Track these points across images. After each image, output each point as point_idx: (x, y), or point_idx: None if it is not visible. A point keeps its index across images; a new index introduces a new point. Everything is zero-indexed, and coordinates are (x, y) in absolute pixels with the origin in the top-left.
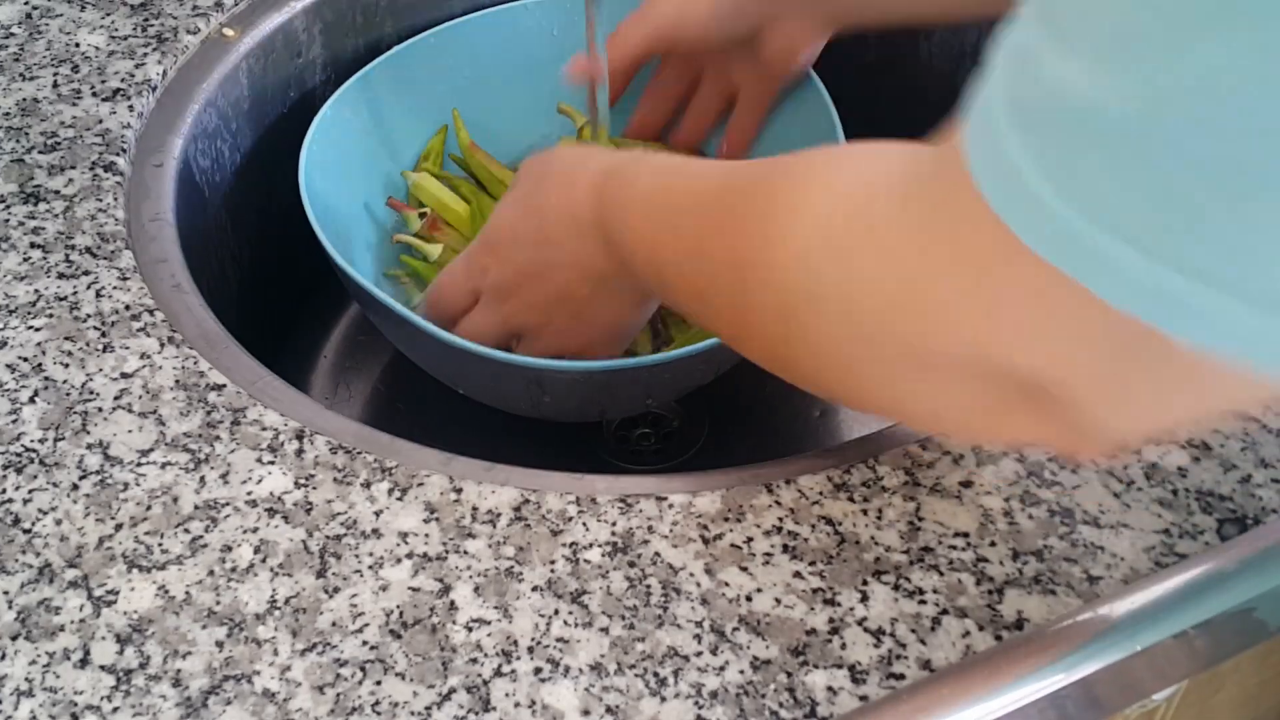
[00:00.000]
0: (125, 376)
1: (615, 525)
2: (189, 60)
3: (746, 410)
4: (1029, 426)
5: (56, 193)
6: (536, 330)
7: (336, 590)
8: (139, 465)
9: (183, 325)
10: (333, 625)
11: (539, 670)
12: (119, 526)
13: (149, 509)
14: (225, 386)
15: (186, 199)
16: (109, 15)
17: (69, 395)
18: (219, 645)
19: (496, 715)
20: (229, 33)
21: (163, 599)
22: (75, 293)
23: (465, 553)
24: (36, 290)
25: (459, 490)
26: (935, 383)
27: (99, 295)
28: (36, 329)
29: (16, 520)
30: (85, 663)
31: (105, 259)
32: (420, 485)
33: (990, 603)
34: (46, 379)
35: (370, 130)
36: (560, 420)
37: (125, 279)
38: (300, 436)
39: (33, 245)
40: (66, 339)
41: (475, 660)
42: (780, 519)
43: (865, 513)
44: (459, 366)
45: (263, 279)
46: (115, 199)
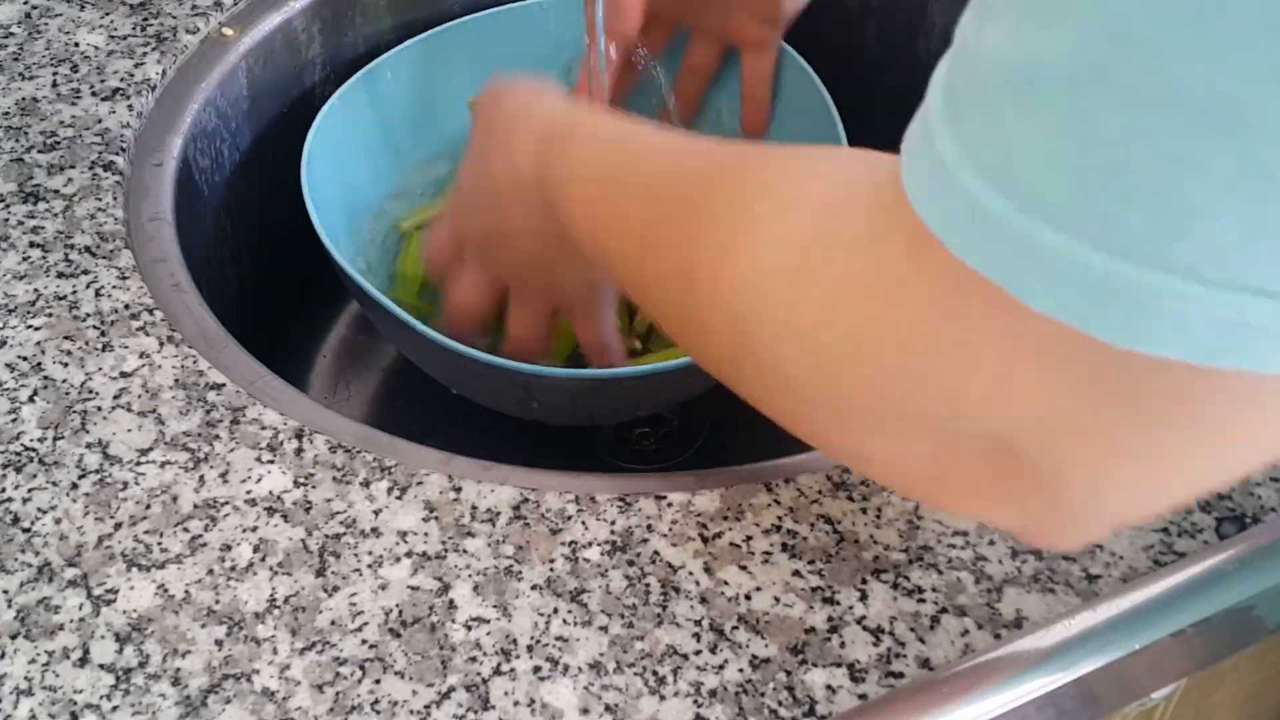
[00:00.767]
0: (124, 376)
1: (614, 524)
2: (188, 60)
3: (746, 409)
4: (997, 501)
5: (56, 192)
6: (517, 293)
7: (336, 589)
8: (138, 464)
9: (182, 324)
10: (332, 624)
11: (538, 669)
12: (118, 525)
13: (148, 508)
14: (224, 386)
15: (186, 198)
16: (108, 15)
17: (68, 394)
18: (218, 644)
19: (496, 714)
20: (228, 32)
21: (162, 598)
22: (74, 292)
23: (464, 552)
24: (36, 289)
25: (458, 489)
26: (895, 436)
27: (98, 294)
28: (36, 328)
29: (16, 519)
30: (85, 662)
31: (104, 258)
32: (419, 484)
33: (989, 601)
34: (46, 378)
35: (372, 128)
36: (553, 423)
37: (124, 278)
38: (299, 436)
39: (32, 244)
40: (66, 338)
41: (474, 659)
42: (779, 518)
43: (864, 511)
44: (452, 368)
45: (262, 278)
46: (114, 198)
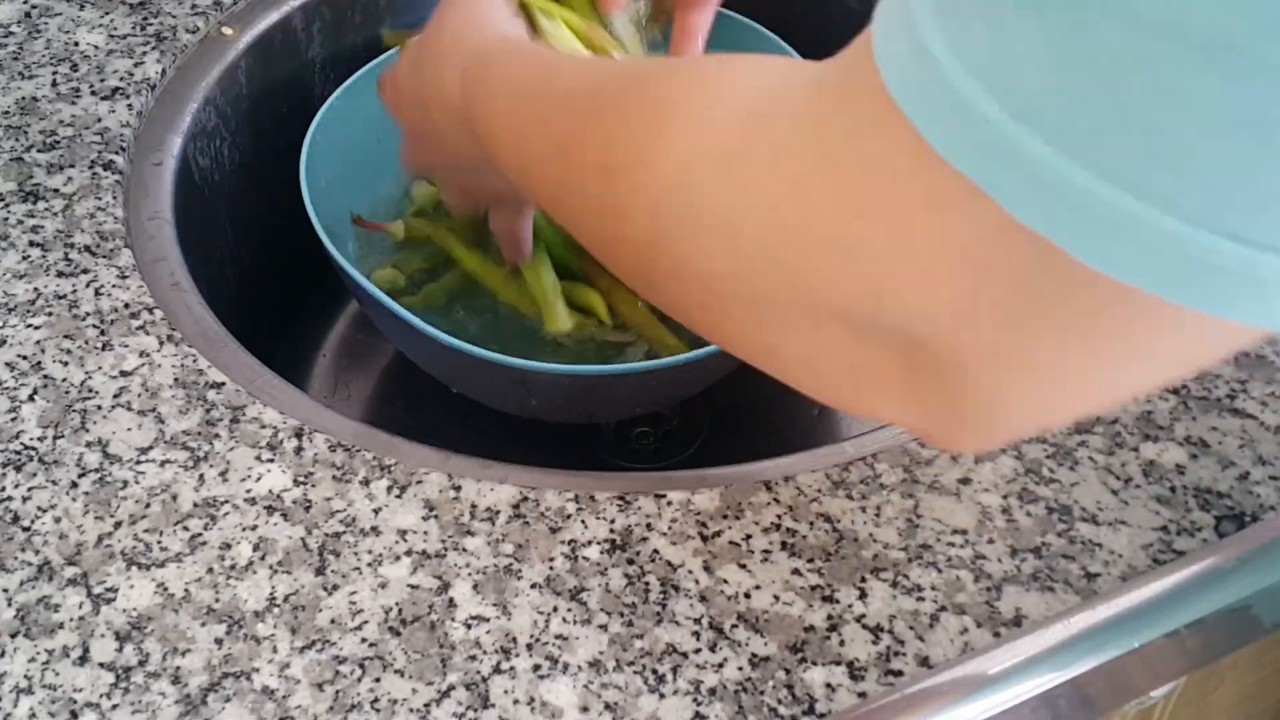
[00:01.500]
0: (124, 374)
1: (614, 523)
2: (188, 59)
3: (745, 408)
4: (903, 398)
5: (56, 191)
6: (445, 183)
7: (335, 588)
8: (138, 463)
9: (181, 323)
10: (332, 623)
11: (538, 667)
12: (118, 524)
13: (148, 507)
14: (224, 385)
15: (185, 197)
16: (108, 14)
17: (68, 393)
18: (218, 643)
19: (495, 712)
20: (228, 31)
21: (162, 596)
22: (74, 291)
23: (464, 550)
24: (36, 289)
25: (458, 488)
26: (809, 330)
27: (98, 293)
28: (36, 327)
29: (16, 518)
30: (84, 660)
31: (104, 257)
32: (419, 483)
33: (988, 600)
34: (46, 377)
35: (372, 128)
36: (551, 420)
37: (124, 277)
38: (299, 434)
39: (32, 244)
40: (66, 337)
41: (474, 657)
42: (779, 516)
43: (864, 510)
44: (451, 365)
45: (261, 277)
46: (114, 197)
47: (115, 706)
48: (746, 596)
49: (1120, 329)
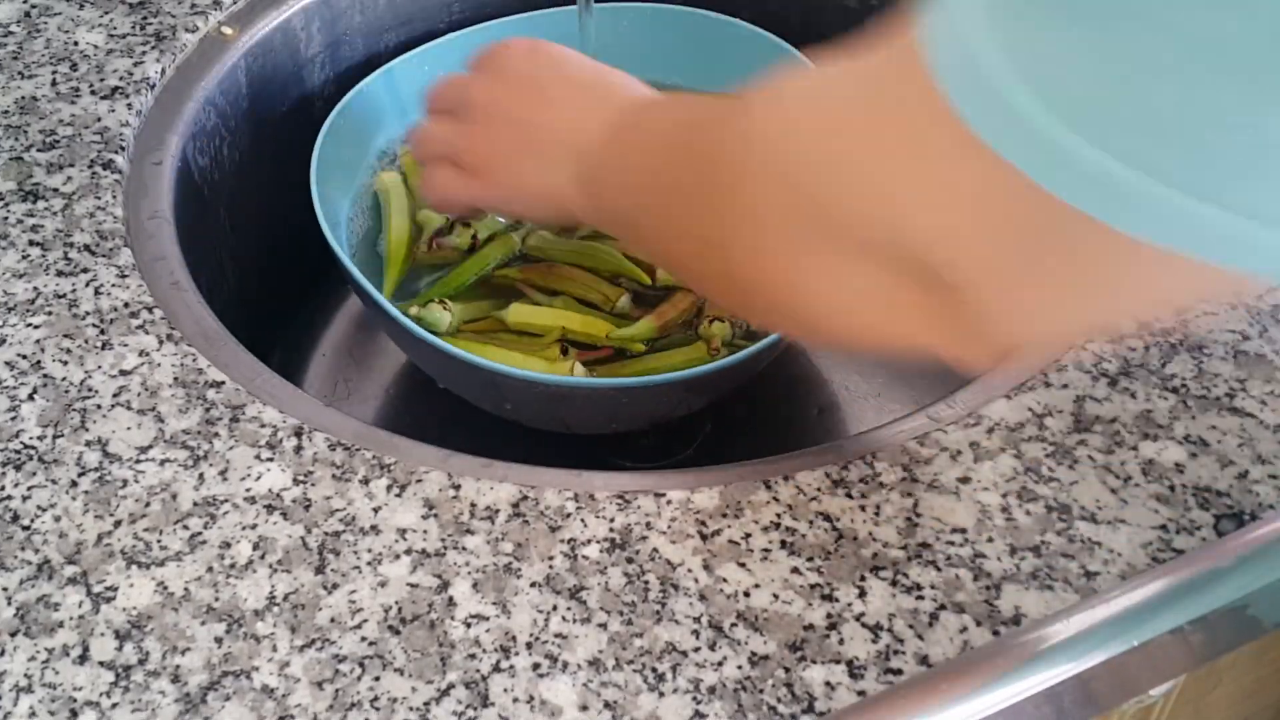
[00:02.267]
0: (124, 374)
1: (613, 521)
2: (187, 58)
3: (744, 408)
4: (918, 320)
5: (55, 190)
6: (431, 189)
7: (335, 586)
8: (138, 462)
9: (181, 323)
10: (331, 621)
11: (537, 666)
12: (118, 523)
13: (148, 506)
14: (224, 384)
15: (185, 197)
16: (107, 14)
17: (68, 392)
18: (218, 641)
19: (495, 711)
20: (227, 31)
21: (161, 595)
22: (74, 290)
23: (464, 549)
24: (35, 288)
25: (457, 487)
26: (839, 261)
27: (98, 293)
28: (35, 326)
29: (15, 517)
30: (84, 659)
31: (104, 257)
32: (419, 482)
33: (988, 598)
34: (45, 376)
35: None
36: (531, 426)
37: (124, 276)
38: (299, 433)
39: (31, 243)
40: (65, 336)
41: (474, 656)
42: (778, 515)
43: (863, 509)
44: (437, 364)
45: (261, 277)
46: (114, 197)
47: (115, 705)
48: (746, 595)
49: (1112, 267)
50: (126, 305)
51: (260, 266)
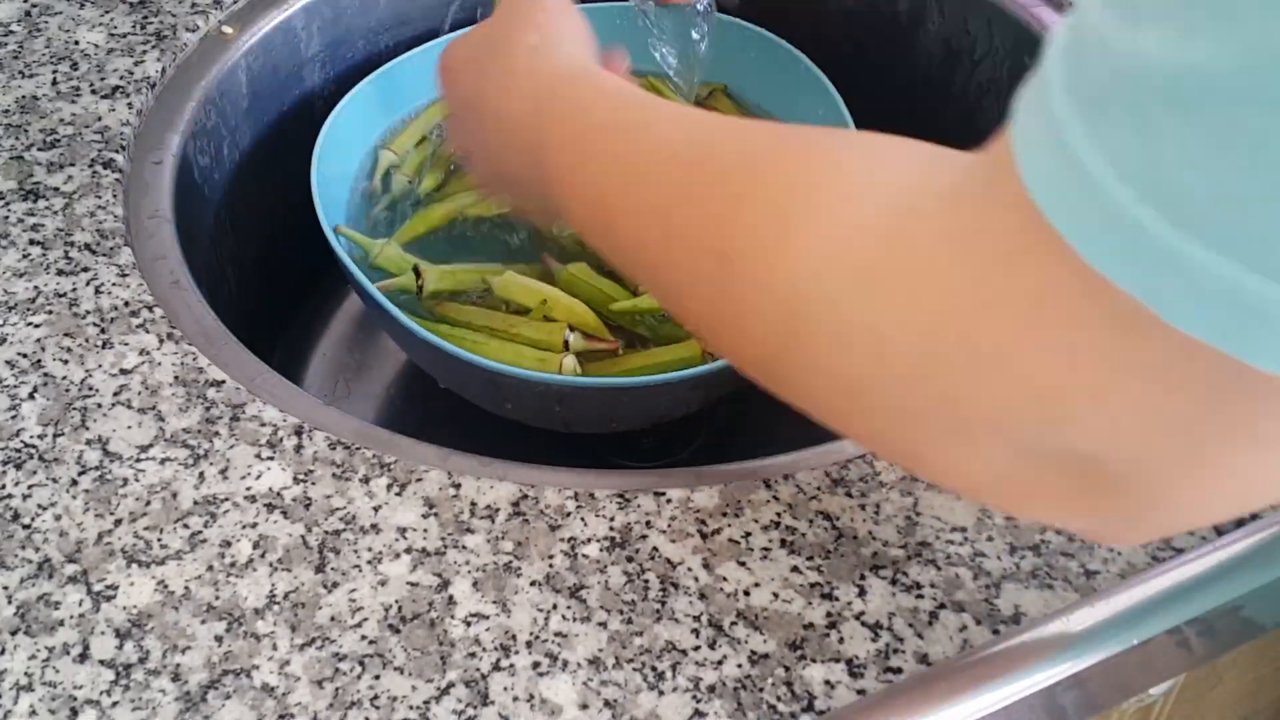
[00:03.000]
0: (124, 372)
1: (613, 520)
2: (188, 58)
3: (744, 407)
4: (1070, 510)
5: (56, 190)
6: (477, 167)
7: (335, 585)
8: (138, 461)
9: (181, 321)
10: (331, 620)
11: (537, 665)
12: (118, 522)
13: (148, 504)
14: (224, 382)
15: (185, 196)
16: (108, 13)
17: (68, 391)
18: (218, 640)
19: (495, 710)
20: (228, 30)
21: (162, 594)
22: (74, 289)
23: (464, 548)
24: (36, 287)
25: (457, 485)
26: (964, 445)
27: (98, 292)
28: (36, 325)
29: (16, 516)
30: (85, 657)
31: (104, 256)
32: (419, 481)
33: (987, 597)
34: (46, 375)
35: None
36: (530, 424)
37: (124, 275)
38: (299, 432)
39: (32, 242)
40: (66, 335)
41: (474, 655)
42: (778, 514)
43: (863, 508)
44: (437, 363)
45: (261, 276)
46: (114, 196)
47: (115, 704)
48: (746, 594)
49: None
50: (127, 304)
51: (260, 266)
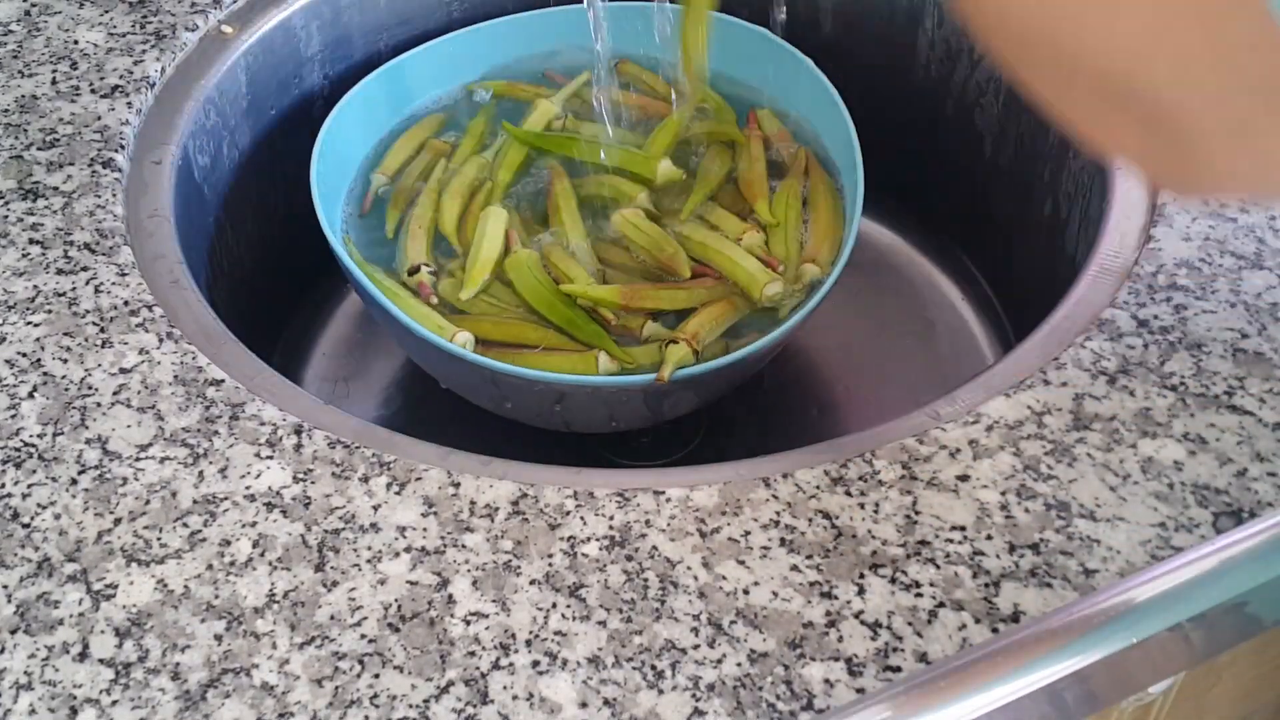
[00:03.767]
0: (124, 372)
1: (613, 519)
2: (187, 57)
3: (744, 406)
4: (1139, 151)
5: (55, 189)
6: None
7: (335, 584)
8: (138, 460)
9: (181, 321)
10: (331, 619)
11: (537, 663)
12: (118, 521)
13: (148, 503)
14: (224, 381)
15: (185, 195)
16: (107, 12)
17: (68, 390)
18: (217, 639)
19: (494, 708)
20: (227, 30)
21: (161, 593)
22: (74, 288)
23: (463, 546)
24: (35, 286)
25: (457, 484)
26: (1080, 90)
27: (98, 291)
28: (35, 324)
29: (15, 515)
30: (84, 656)
31: (104, 255)
32: (418, 480)
33: (987, 596)
34: (45, 374)
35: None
36: (531, 424)
37: (124, 275)
38: (299, 431)
39: (31, 241)
40: (65, 334)
41: (473, 653)
42: (777, 513)
43: (862, 507)
44: (436, 362)
45: (261, 275)
46: (114, 195)
47: (115, 702)
48: (745, 593)
49: None
50: (126, 303)
51: (260, 265)
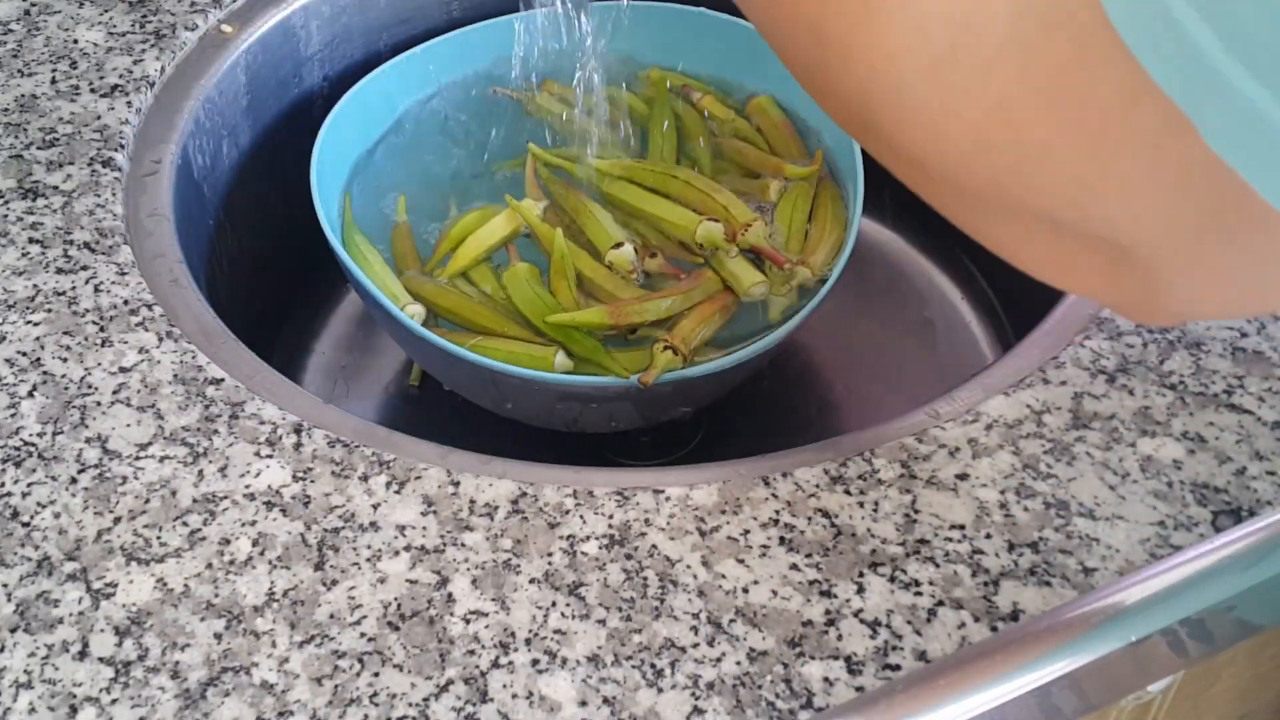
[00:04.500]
0: (124, 371)
1: (612, 518)
2: (187, 57)
3: (744, 405)
4: (1101, 284)
5: (55, 188)
6: None
7: (334, 583)
8: (137, 459)
9: (181, 320)
10: (331, 617)
11: (536, 662)
12: (117, 520)
13: (147, 502)
14: (223, 380)
15: (184, 195)
16: (107, 12)
17: (67, 389)
18: (217, 637)
19: (494, 707)
20: (227, 29)
21: (161, 591)
22: (74, 288)
23: (463, 545)
24: (35, 285)
25: (456, 483)
26: (1015, 224)
27: (97, 290)
28: (35, 324)
29: (15, 514)
30: (84, 655)
31: (104, 254)
32: (418, 478)
33: (986, 594)
34: (45, 373)
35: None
36: (532, 424)
37: (124, 274)
38: (298, 430)
39: (31, 240)
40: (65, 333)
41: (473, 652)
42: (777, 512)
43: (861, 505)
44: (438, 363)
45: (260, 274)
46: (114, 195)
47: (115, 701)
48: (744, 591)
49: None
50: (126, 302)
51: (260, 264)
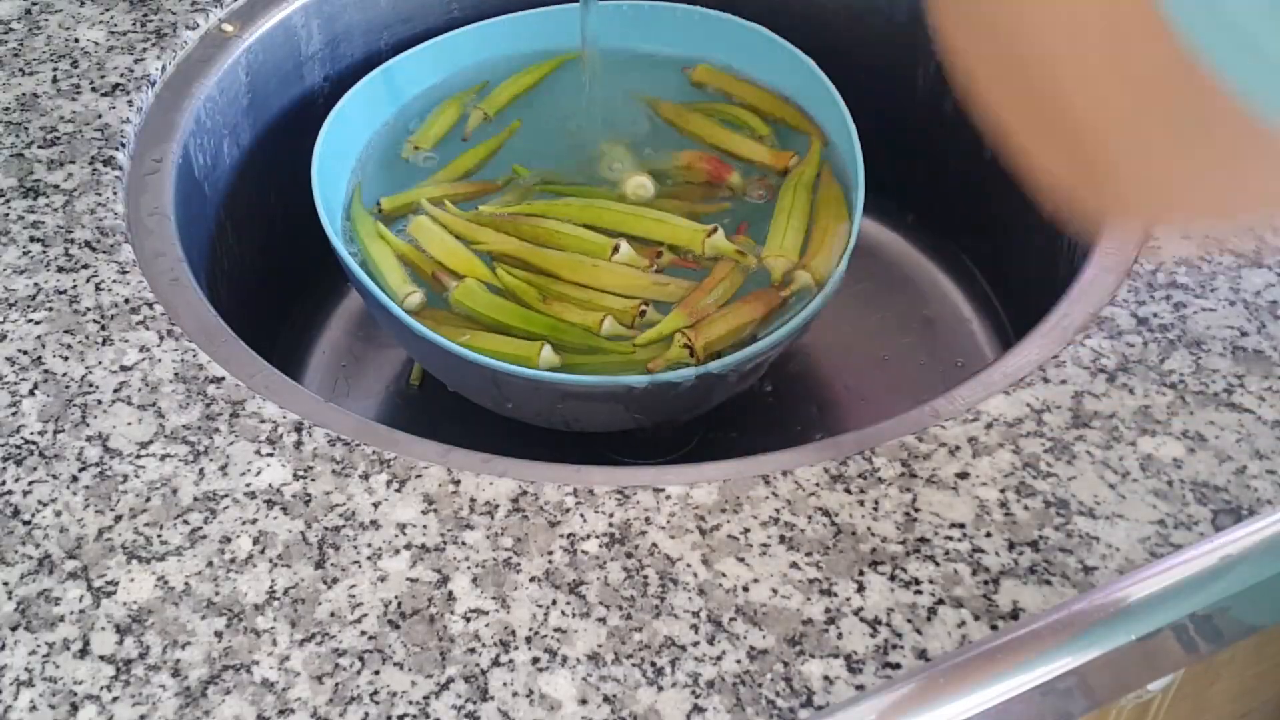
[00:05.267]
0: (124, 369)
1: (612, 516)
2: (188, 56)
3: (744, 404)
4: (1069, 182)
5: (56, 187)
6: None
7: (335, 581)
8: (138, 457)
9: (182, 318)
10: (331, 616)
11: (537, 660)
12: (118, 518)
13: (148, 501)
14: (224, 379)
15: (185, 194)
16: (108, 10)
17: (68, 388)
18: (218, 635)
19: (494, 705)
20: (228, 28)
21: (162, 590)
22: (75, 286)
23: (463, 544)
24: (36, 284)
25: (457, 482)
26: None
27: (98, 289)
28: (36, 322)
29: (16, 512)
30: (85, 653)
31: (105, 253)
32: (418, 477)
33: (986, 593)
34: (46, 372)
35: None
36: (531, 423)
37: (125, 272)
38: (299, 429)
39: (32, 239)
40: (66, 332)
41: (473, 650)
42: (777, 510)
43: (861, 504)
44: (438, 362)
45: (261, 273)
46: (114, 193)
47: (115, 699)
48: (744, 590)
49: (1255, 160)
50: (127, 301)
51: (260, 263)
